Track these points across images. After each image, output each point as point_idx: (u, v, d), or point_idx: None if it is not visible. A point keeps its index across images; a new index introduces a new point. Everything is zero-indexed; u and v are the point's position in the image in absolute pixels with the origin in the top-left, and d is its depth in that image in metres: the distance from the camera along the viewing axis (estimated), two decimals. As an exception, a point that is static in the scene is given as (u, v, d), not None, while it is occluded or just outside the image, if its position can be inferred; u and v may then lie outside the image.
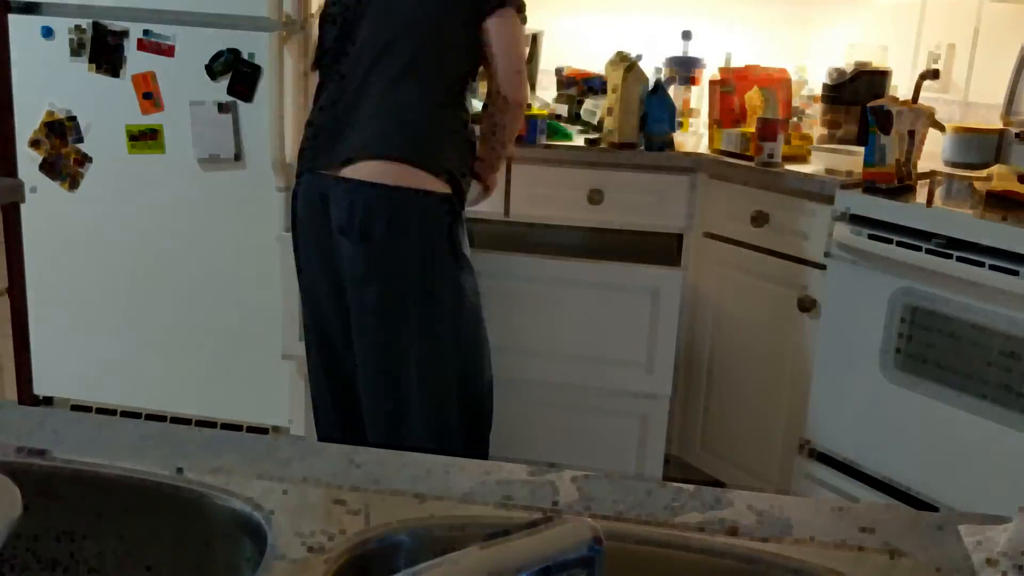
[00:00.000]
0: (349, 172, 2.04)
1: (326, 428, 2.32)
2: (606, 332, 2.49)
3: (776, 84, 2.78)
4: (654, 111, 2.63)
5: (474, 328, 2.16)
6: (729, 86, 2.76)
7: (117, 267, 2.86)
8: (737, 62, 2.91)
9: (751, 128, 2.56)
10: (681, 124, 2.85)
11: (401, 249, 2.04)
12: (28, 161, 2.81)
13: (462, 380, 2.15)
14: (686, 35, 2.89)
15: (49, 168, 2.82)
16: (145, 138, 2.75)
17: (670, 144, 2.65)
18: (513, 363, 2.46)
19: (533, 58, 3.07)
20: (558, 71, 2.98)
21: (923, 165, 2.40)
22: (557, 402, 2.54)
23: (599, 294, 2.49)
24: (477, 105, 2.37)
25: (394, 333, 2.09)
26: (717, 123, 2.71)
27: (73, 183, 2.82)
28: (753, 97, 2.73)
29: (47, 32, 2.72)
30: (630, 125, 2.64)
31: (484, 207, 2.75)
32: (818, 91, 2.87)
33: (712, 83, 2.83)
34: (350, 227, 2.04)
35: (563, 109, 2.91)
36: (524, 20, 2.14)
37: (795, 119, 2.80)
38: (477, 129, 2.21)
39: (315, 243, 2.14)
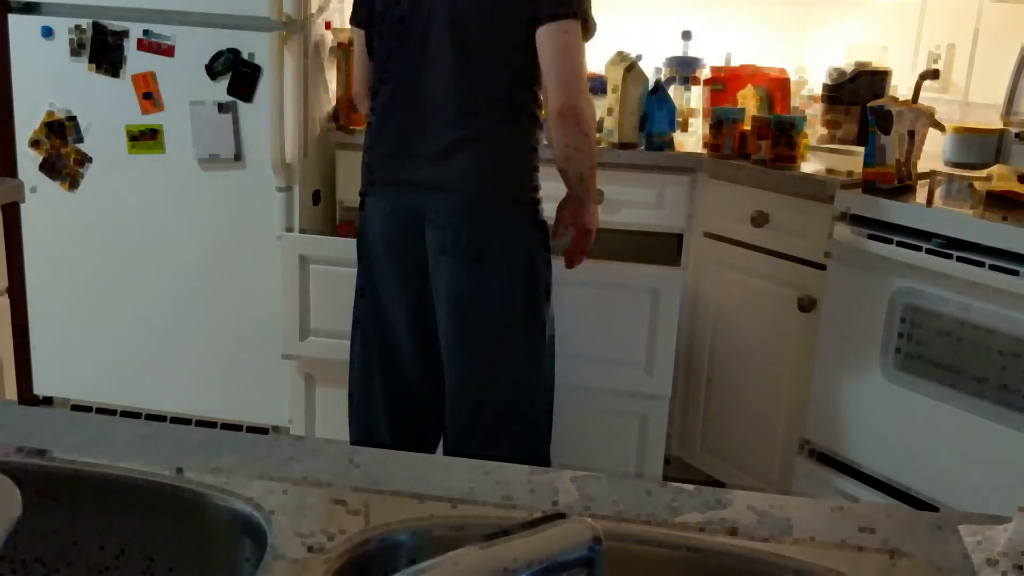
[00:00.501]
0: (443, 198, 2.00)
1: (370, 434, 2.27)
2: (606, 332, 2.50)
3: (771, 83, 2.78)
4: (654, 111, 2.63)
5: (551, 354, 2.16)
6: (720, 85, 2.77)
7: (117, 267, 2.86)
8: (737, 62, 2.92)
9: (746, 127, 2.57)
10: (681, 124, 2.85)
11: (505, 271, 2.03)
12: (28, 161, 2.81)
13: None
14: (686, 35, 2.89)
15: (49, 168, 2.82)
16: (145, 138, 2.75)
17: (670, 144, 2.65)
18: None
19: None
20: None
21: (923, 165, 2.40)
22: (557, 402, 2.54)
23: (599, 293, 2.49)
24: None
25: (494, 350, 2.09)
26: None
27: (73, 183, 2.82)
28: (747, 96, 2.73)
29: (47, 32, 2.72)
30: (630, 125, 2.64)
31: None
32: (818, 91, 2.87)
33: (705, 82, 2.83)
34: (454, 248, 2.01)
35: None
36: (589, 32, 1.97)
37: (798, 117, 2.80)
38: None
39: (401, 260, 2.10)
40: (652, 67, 2.88)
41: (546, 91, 1.98)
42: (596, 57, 2.99)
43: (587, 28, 1.96)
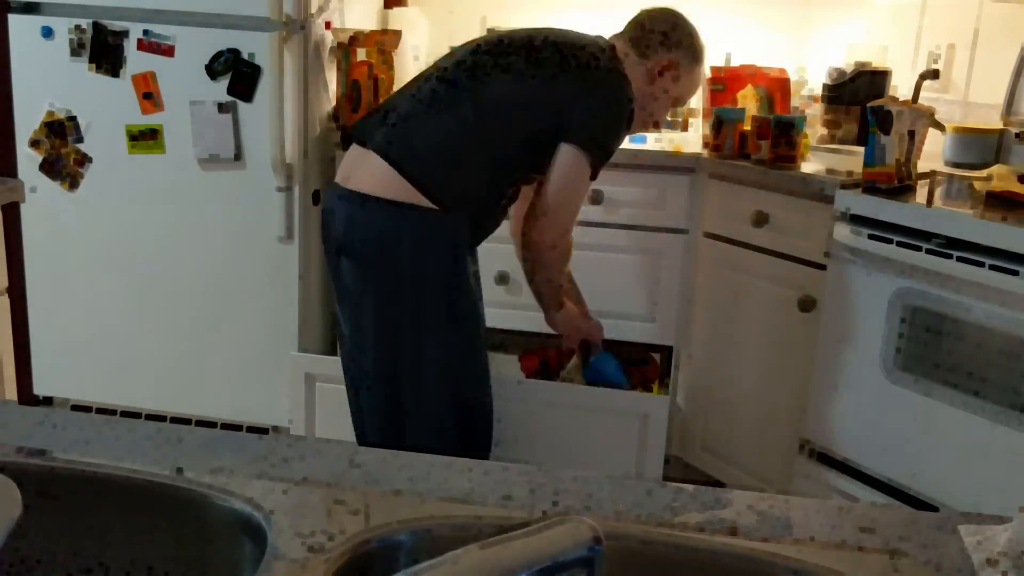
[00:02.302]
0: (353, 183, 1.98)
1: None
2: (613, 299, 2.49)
3: (771, 83, 2.78)
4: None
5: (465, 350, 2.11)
6: (720, 85, 2.77)
7: (117, 267, 2.86)
8: (737, 62, 2.92)
9: (746, 127, 2.57)
10: (682, 124, 2.85)
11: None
12: (28, 161, 2.81)
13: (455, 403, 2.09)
14: (686, 35, 2.88)
15: (49, 168, 2.82)
16: (145, 138, 2.75)
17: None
18: (514, 362, 2.46)
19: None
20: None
21: (923, 165, 2.40)
22: (557, 402, 2.54)
23: (601, 294, 2.49)
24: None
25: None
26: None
27: (73, 183, 2.82)
28: (747, 96, 2.73)
29: (47, 32, 2.72)
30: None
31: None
32: (818, 91, 2.87)
33: (705, 82, 2.83)
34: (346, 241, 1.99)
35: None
36: (591, 174, 2.05)
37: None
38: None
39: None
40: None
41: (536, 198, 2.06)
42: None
43: (595, 172, 2.05)
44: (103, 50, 2.71)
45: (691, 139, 2.80)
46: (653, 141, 2.76)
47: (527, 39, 2.07)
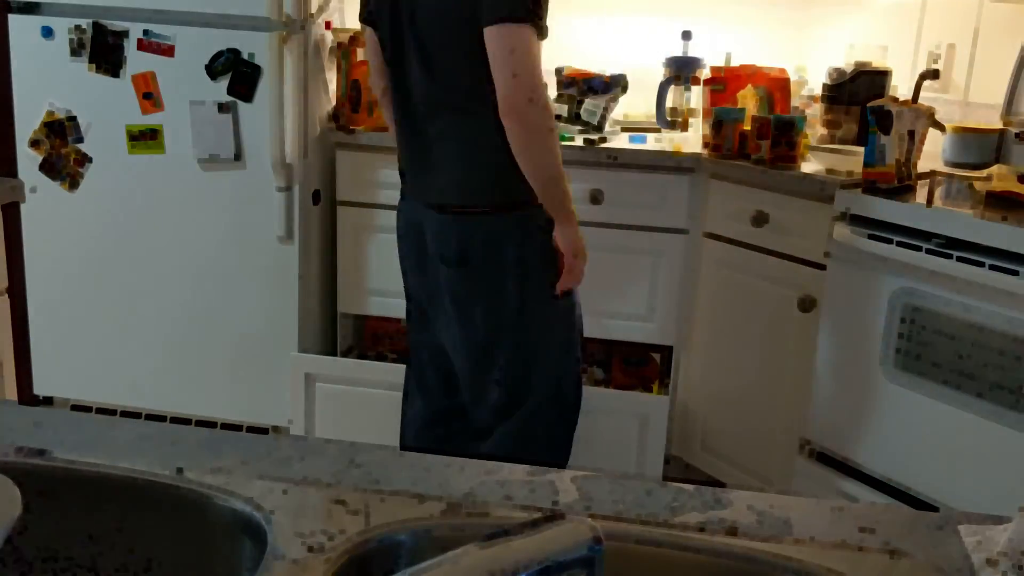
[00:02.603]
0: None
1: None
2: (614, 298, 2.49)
3: (771, 83, 2.78)
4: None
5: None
6: (720, 85, 2.76)
7: (117, 267, 2.86)
8: (737, 62, 2.92)
9: (746, 127, 2.57)
10: (682, 124, 2.85)
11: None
12: (28, 161, 2.81)
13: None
14: (686, 35, 2.89)
15: (49, 168, 2.82)
16: (145, 138, 2.75)
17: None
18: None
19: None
20: (558, 71, 2.98)
21: (923, 165, 2.40)
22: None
23: (600, 294, 2.49)
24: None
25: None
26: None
27: (73, 183, 2.82)
28: (747, 96, 2.72)
29: (47, 32, 2.72)
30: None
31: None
32: (818, 91, 2.87)
33: (705, 82, 2.83)
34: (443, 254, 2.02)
35: (563, 109, 2.91)
36: (538, 32, 1.86)
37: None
38: None
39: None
40: (652, 67, 2.88)
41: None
42: (596, 57, 3.00)
43: (538, 29, 1.86)
44: (103, 50, 2.71)
45: (691, 139, 2.80)
46: (653, 141, 2.77)
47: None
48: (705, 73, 2.87)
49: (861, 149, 2.38)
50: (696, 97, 2.89)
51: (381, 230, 2.77)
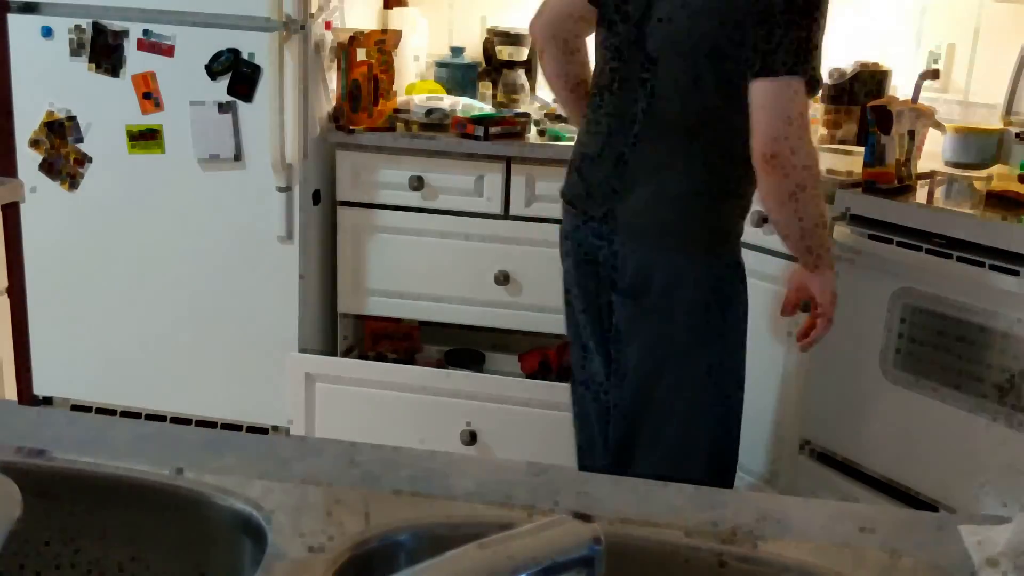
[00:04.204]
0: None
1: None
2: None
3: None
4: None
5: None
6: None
7: (117, 267, 2.86)
8: (737, 62, 2.91)
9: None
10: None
11: None
12: (28, 161, 2.81)
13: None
14: (686, 35, 2.88)
15: (49, 168, 2.82)
16: (145, 138, 2.75)
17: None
18: (514, 362, 2.46)
19: (533, 58, 3.07)
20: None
21: (923, 165, 2.40)
22: (557, 402, 2.54)
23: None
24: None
25: None
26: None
27: (73, 183, 2.82)
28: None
29: (47, 32, 2.72)
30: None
31: (484, 206, 2.75)
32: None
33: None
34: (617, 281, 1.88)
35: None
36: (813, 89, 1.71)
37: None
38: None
39: None
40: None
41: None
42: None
43: (811, 85, 1.70)
44: (103, 50, 2.71)
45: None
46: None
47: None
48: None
49: (861, 149, 2.38)
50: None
51: (381, 230, 2.77)
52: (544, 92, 3.06)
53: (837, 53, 2.94)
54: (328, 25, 2.78)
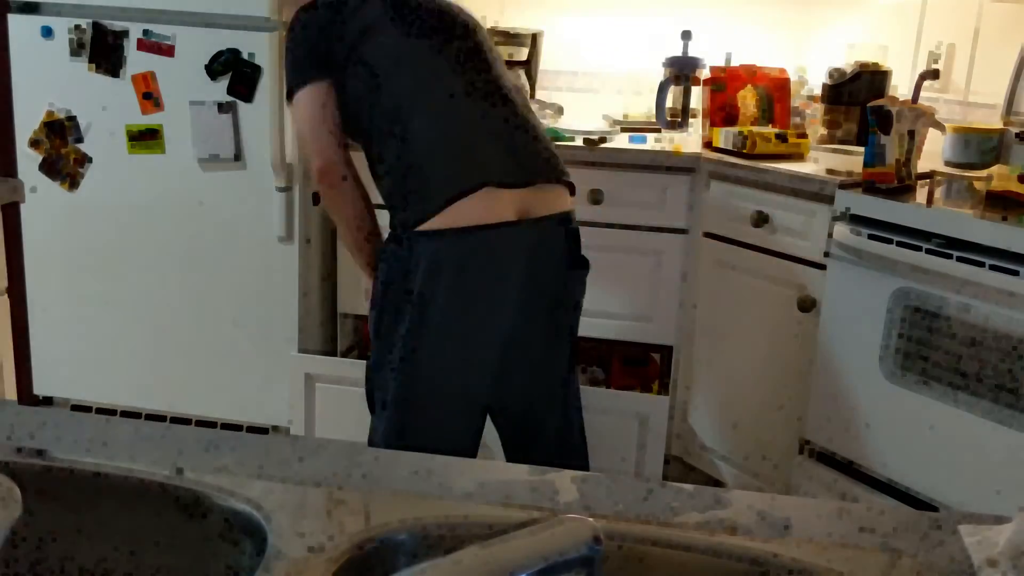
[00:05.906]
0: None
1: None
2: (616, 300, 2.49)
3: (771, 83, 2.78)
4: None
5: None
6: (720, 84, 2.76)
7: (117, 267, 2.86)
8: (737, 62, 2.92)
9: (746, 127, 2.57)
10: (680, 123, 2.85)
11: None
12: (28, 161, 2.81)
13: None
14: (686, 35, 2.89)
15: (49, 168, 2.82)
16: (145, 138, 2.75)
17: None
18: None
19: (533, 58, 3.08)
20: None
21: (923, 165, 2.40)
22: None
23: (600, 295, 2.48)
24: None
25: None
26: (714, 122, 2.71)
27: (73, 183, 2.82)
28: (746, 96, 2.73)
29: (47, 32, 2.72)
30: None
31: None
32: (818, 91, 2.87)
33: (704, 82, 2.83)
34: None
35: (563, 109, 2.92)
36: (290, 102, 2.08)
37: (797, 119, 2.80)
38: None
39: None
40: (652, 67, 2.88)
41: None
42: (596, 57, 2.99)
43: (290, 100, 2.05)
44: (103, 50, 2.71)
45: (691, 139, 2.80)
46: (653, 141, 2.76)
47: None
48: (705, 73, 2.87)
49: (861, 149, 2.38)
50: (696, 97, 2.89)
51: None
52: (544, 92, 3.07)
53: (837, 53, 2.94)
54: (328, 25, 2.78)
